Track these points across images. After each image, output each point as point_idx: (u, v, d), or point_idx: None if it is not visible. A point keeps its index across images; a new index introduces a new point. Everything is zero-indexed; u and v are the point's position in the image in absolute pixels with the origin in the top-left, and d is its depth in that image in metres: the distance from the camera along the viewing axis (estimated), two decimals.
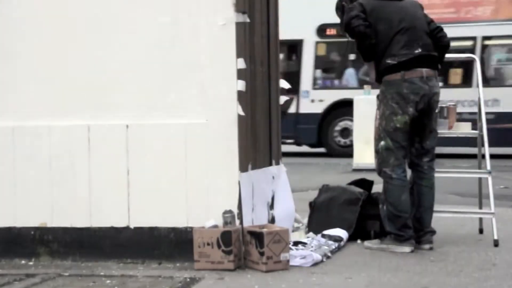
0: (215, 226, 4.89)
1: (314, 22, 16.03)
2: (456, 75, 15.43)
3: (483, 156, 5.98)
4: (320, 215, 6.03)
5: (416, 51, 5.45)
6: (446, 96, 7.58)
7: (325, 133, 16.31)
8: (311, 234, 5.80)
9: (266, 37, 5.56)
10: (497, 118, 14.18)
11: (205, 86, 5.06)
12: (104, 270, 4.96)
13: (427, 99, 5.47)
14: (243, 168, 5.06)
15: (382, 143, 5.47)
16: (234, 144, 5.02)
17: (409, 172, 5.68)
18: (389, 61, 5.44)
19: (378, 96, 5.57)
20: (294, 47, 16.36)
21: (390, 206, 5.43)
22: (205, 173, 5.05)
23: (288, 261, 4.81)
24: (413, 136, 5.56)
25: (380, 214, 5.57)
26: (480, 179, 6.34)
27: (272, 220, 5.49)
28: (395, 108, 5.42)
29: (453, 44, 6.11)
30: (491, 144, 5.95)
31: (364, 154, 13.46)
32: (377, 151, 5.51)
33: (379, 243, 5.49)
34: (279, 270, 4.74)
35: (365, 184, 6.30)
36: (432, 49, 5.55)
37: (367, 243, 5.57)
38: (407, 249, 5.35)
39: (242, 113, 5.02)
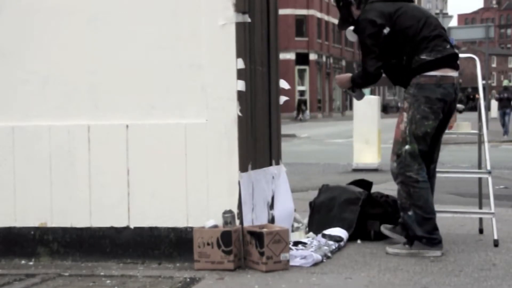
0: (215, 226, 4.89)
1: None
2: None
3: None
4: (320, 215, 6.03)
5: (448, 47, 5.35)
6: None
7: None
8: (311, 234, 5.80)
9: (266, 37, 5.57)
10: None
11: (205, 86, 5.06)
12: (104, 270, 4.96)
13: (450, 105, 5.38)
14: (243, 168, 5.06)
15: (407, 147, 5.27)
16: (234, 144, 5.02)
17: None
18: (424, 56, 5.27)
19: (403, 99, 5.39)
20: None
21: (419, 210, 5.24)
22: (205, 173, 5.05)
23: (288, 261, 4.81)
24: None
25: (406, 221, 5.31)
26: (480, 179, 6.35)
27: (272, 220, 5.49)
28: (427, 113, 5.26)
29: None
30: None
31: (364, 154, 13.50)
32: (398, 155, 5.30)
33: (408, 248, 5.25)
34: (279, 270, 4.74)
35: (365, 185, 6.30)
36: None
37: (391, 249, 5.32)
38: (438, 252, 5.21)
39: (241, 113, 5.02)
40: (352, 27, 5.56)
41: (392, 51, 5.35)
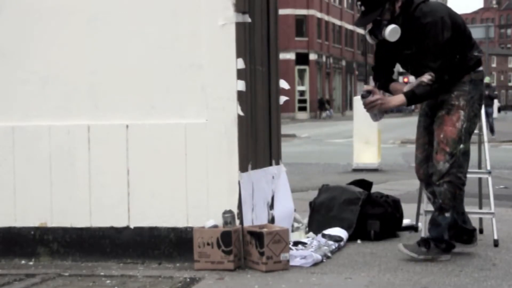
0: (215, 226, 4.89)
1: None
2: None
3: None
4: (320, 215, 6.04)
5: None
6: None
7: None
8: (311, 234, 5.80)
9: (266, 37, 5.57)
10: None
11: (205, 86, 5.06)
12: (104, 270, 4.96)
13: None
14: (243, 168, 5.06)
15: (461, 146, 5.05)
16: (234, 144, 5.02)
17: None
18: (476, 53, 5.14)
19: (457, 96, 5.07)
20: None
21: (457, 215, 5.21)
22: (205, 173, 5.05)
23: (288, 261, 4.81)
24: None
25: (439, 221, 5.14)
26: (480, 179, 6.35)
27: (272, 220, 5.49)
28: (477, 110, 5.15)
29: None
30: None
31: (364, 154, 13.50)
32: (453, 154, 5.03)
33: (425, 253, 5.10)
34: (279, 270, 4.75)
35: (365, 185, 6.30)
36: None
37: (406, 251, 5.14)
38: (448, 257, 5.16)
39: (241, 113, 5.02)
40: (394, 26, 5.04)
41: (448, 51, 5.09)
